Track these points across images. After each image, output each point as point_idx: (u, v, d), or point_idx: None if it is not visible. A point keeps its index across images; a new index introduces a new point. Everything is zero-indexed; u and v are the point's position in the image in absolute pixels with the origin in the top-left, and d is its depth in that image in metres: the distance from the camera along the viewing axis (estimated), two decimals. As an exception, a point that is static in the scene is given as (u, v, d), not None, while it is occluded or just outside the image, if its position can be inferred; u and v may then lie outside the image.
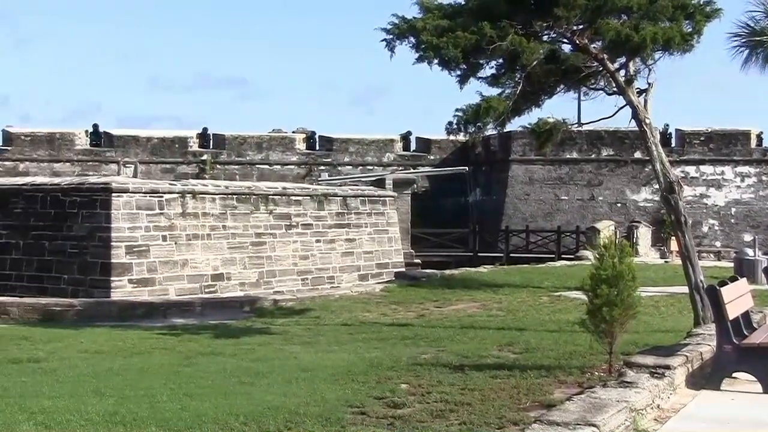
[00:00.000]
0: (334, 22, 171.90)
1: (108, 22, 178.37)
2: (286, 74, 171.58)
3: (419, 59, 19.41)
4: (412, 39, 19.45)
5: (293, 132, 56.14)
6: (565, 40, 19.90)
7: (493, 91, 19.55)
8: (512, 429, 10.09)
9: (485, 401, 11.51)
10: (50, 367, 15.08)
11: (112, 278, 25.97)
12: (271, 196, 30.69)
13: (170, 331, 20.32)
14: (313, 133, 55.11)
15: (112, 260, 26.08)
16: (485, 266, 35.13)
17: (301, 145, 53.39)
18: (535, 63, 18.80)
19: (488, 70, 19.82)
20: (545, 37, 19.73)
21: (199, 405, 11.45)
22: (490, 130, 21.93)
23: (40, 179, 31.35)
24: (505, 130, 26.39)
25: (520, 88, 19.27)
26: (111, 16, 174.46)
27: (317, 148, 53.96)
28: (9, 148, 49.58)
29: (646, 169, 45.28)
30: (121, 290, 25.94)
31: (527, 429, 9.48)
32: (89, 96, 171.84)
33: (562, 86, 20.66)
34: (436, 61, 19.16)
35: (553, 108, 22.25)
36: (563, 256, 41.95)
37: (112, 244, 26.16)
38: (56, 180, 30.02)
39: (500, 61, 19.52)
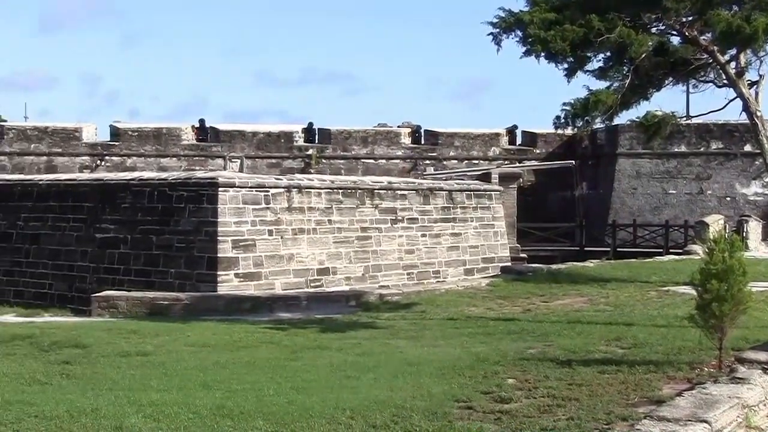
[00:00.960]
0: (441, 17, 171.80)
1: (216, 17, 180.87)
2: (393, 69, 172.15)
3: (526, 53, 19.29)
4: (518, 32, 19.34)
5: (398, 126, 56.13)
6: (674, 32, 19.60)
7: (601, 85, 19.39)
8: (621, 425, 9.89)
9: (593, 396, 11.33)
10: (158, 360, 15.23)
11: (218, 272, 26.17)
12: (376, 191, 30.67)
13: (276, 325, 20.41)
14: (419, 127, 55.05)
15: (219, 254, 26.29)
16: (592, 261, 34.77)
17: (406, 140, 53.37)
18: (643, 55, 18.56)
19: (596, 63, 19.68)
20: (654, 30, 19.46)
21: (305, 399, 11.44)
22: (598, 124, 21.69)
23: (147, 174, 31.74)
24: (612, 124, 26.00)
25: (628, 81, 19.02)
26: (219, 11, 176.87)
27: (422, 142, 53.88)
28: (117, 143, 50.47)
29: (757, 163, 44.37)
30: (228, 284, 26.14)
31: (637, 425, 9.30)
32: (196, 91, 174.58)
33: (670, 79, 20.36)
34: (543, 54, 19.03)
35: (662, 101, 21.98)
36: (671, 250, 41.21)
37: (218, 238, 26.37)
38: (163, 175, 30.33)
39: (608, 53, 19.34)
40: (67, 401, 11.20)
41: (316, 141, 52.70)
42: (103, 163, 49.67)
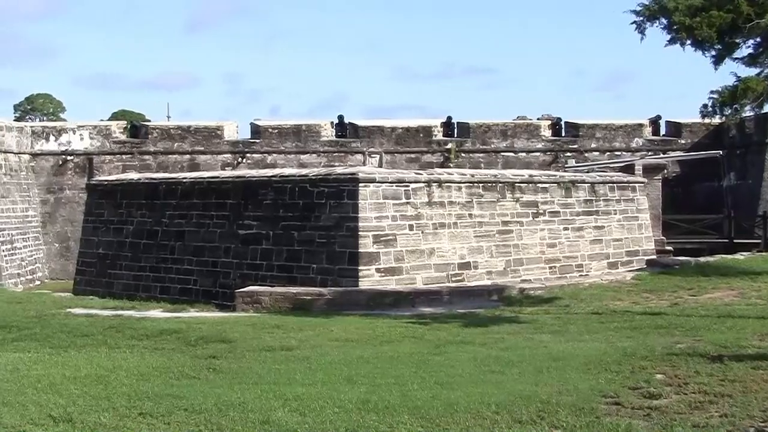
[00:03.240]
0: (581, 7, 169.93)
1: (355, 14, 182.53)
2: (533, 62, 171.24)
3: (671, 41, 18.85)
4: (663, 20, 18.89)
5: (538, 119, 55.59)
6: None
7: (751, 72, 18.79)
8: (779, 423, 9.55)
9: (747, 393, 11.01)
10: (302, 354, 15.34)
11: (359, 267, 26.26)
12: (517, 184, 30.37)
13: (419, 319, 20.41)
14: (559, 119, 54.41)
15: (360, 249, 26.37)
16: (742, 253, 33.98)
17: (546, 132, 52.82)
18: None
19: (745, 50, 19.06)
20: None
21: (449, 393, 11.38)
22: (747, 112, 21.12)
23: (288, 171, 32.02)
24: (762, 112, 25.23)
25: (779, 67, 18.41)
26: (359, 8, 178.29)
27: (563, 134, 53.24)
28: (257, 140, 51.12)
29: None
30: (369, 279, 26.21)
31: (796, 423, 8.96)
32: (335, 87, 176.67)
33: (824, 64, 19.57)
34: (689, 42, 18.56)
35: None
36: (825, 241, 39.91)
37: (359, 233, 26.45)
38: (304, 171, 30.56)
39: (758, 39, 18.70)
40: (215, 395, 11.34)
41: (455, 135, 52.52)
42: (244, 160, 50.38)
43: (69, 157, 50.21)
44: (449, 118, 53.04)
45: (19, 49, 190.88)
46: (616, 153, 51.32)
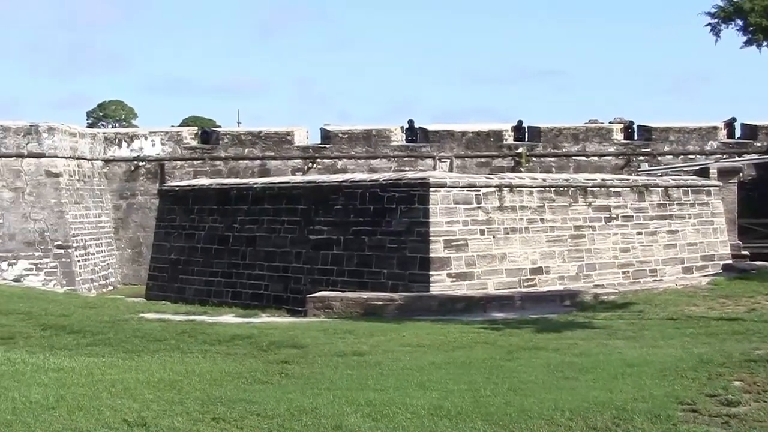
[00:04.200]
0: (654, 9, 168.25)
1: (426, 18, 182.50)
2: (605, 65, 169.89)
3: (747, 42, 18.61)
4: (738, 22, 18.62)
5: (610, 122, 55.09)
6: None
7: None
8: None
9: (833, 402, 10.74)
10: (374, 360, 15.28)
11: (431, 272, 26.19)
12: (589, 188, 30.12)
13: (490, 325, 20.27)
14: (631, 122, 53.92)
15: (431, 255, 26.31)
16: (822, 258, 33.34)
17: (618, 135, 52.33)
18: None
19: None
20: None
21: (523, 400, 11.26)
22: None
23: (358, 176, 32.05)
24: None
25: None
26: (429, 12, 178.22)
27: (635, 138, 52.71)
28: (327, 146, 51.25)
29: None
30: (440, 284, 26.13)
31: None
32: (405, 92, 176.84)
33: None
34: (765, 43, 18.27)
35: None
36: None
37: (430, 238, 26.39)
38: (374, 176, 30.58)
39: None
40: (287, 400, 11.32)
41: (526, 139, 52.25)
42: (314, 165, 50.55)
43: (141, 163, 50.73)
44: (520, 122, 52.78)
45: (92, 57, 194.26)
46: (690, 156, 50.66)
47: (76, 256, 43.96)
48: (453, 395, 11.64)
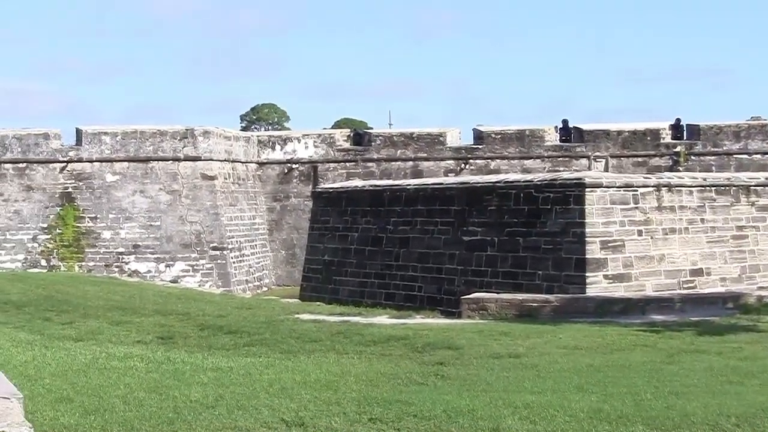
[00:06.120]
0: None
1: (584, 16, 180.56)
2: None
3: None
4: None
5: (773, 119, 53.51)
6: None
7: None
8: None
9: None
10: (530, 362, 15.06)
11: (587, 274, 25.79)
12: (752, 187, 29.23)
13: (649, 327, 19.79)
14: (797, 119, 52.31)
15: (587, 256, 25.90)
16: None
17: (783, 133, 50.78)
18: None
19: None
20: None
21: (685, 404, 10.93)
22: None
23: (512, 176, 31.78)
24: None
25: None
26: (586, 8, 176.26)
27: (801, 135, 51.09)
28: (480, 146, 50.98)
29: None
30: (596, 286, 25.71)
31: None
32: (559, 91, 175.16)
33: None
34: None
35: None
36: None
37: (586, 239, 25.98)
38: (528, 177, 30.29)
39: None
40: (444, 401, 11.21)
41: (684, 137, 51.08)
42: (467, 166, 50.34)
43: (294, 166, 51.32)
44: (678, 120, 51.65)
45: (246, 62, 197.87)
46: None
47: (231, 258, 44.77)
48: (612, 398, 11.37)
